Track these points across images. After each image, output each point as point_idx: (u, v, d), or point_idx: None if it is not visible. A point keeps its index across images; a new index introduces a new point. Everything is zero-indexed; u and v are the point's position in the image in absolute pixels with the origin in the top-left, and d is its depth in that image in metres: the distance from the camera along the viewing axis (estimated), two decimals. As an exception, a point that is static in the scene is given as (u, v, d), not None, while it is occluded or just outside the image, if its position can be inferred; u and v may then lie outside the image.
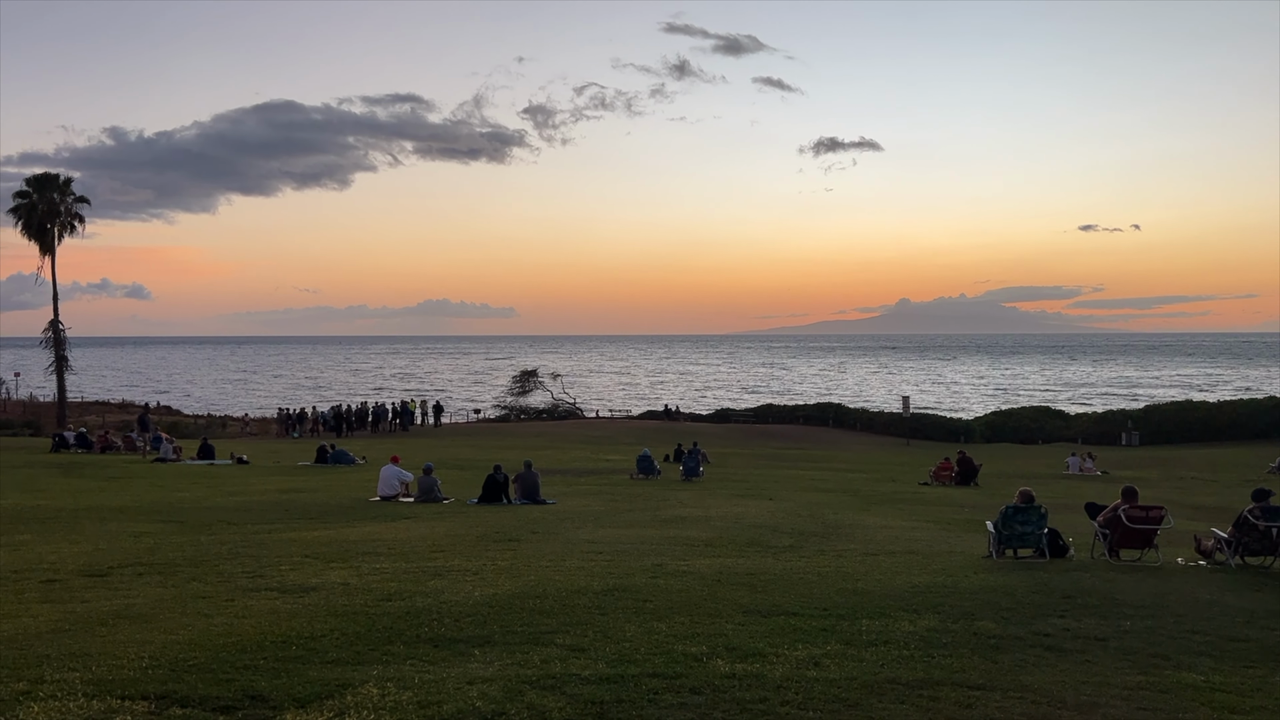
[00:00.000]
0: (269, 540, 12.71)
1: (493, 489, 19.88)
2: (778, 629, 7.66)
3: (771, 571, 10.70)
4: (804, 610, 8.43)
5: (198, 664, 6.15)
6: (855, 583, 10.00)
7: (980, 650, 7.13)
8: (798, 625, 7.83)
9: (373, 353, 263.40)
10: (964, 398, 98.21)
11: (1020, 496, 12.34)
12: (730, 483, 25.82)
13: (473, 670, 6.17)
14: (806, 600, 8.94)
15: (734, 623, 7.84)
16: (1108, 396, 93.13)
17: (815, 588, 9.68)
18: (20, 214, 51.33)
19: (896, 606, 8.66)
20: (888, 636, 7.46)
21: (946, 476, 27.53)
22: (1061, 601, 9.10)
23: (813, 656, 6.77)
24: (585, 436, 49.35)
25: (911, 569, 11.05)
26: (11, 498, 17.62)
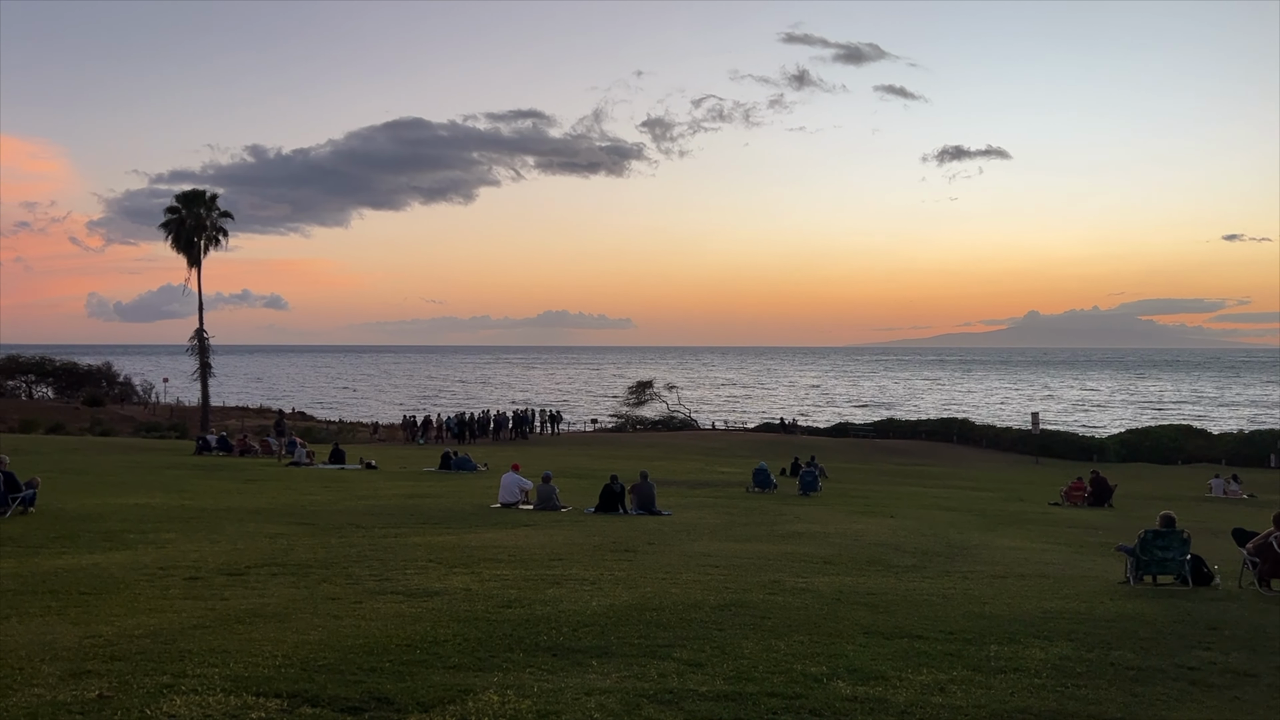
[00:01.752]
0: (395, 544, 13.07)
1: (609, 499, 20.01)
2: (901, 652, 7.45)
3: (894, 592, 10.43)
4: (928, 633, 8.18)
5: (327, 664, 6.35)
6: (982, 606, 9.65)
7: (1118, 682, 6.78)
8: (922, 649, 7.60)
9: (494, 362, 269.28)
10: (1097, 414, 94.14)
11: (1161, 520, 11.73)
12: (849, 499, 25.34)
13: (591, 681, 6.20)
14: (931, 623, 8.67)
15: (855, 644, 7.66)
16: (1255, 415, 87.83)
17: (940, 610, 9.39)
18: (171, 229, 54.49)
19: (1027, 632, 8.32)
20: (1018, 664, 7.17)
21: (1079, 497, 26.40)
22: (1206, 633, 8.59)
23: (938, 682, 6.56)
24: (700, 448, 49.26)
25: (1042, 593, 10.61)
26: (159, 497, 18.63)
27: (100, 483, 21.25)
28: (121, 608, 8.19)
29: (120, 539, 12.80)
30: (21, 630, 7.20)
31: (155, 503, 17.49)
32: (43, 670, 5.96)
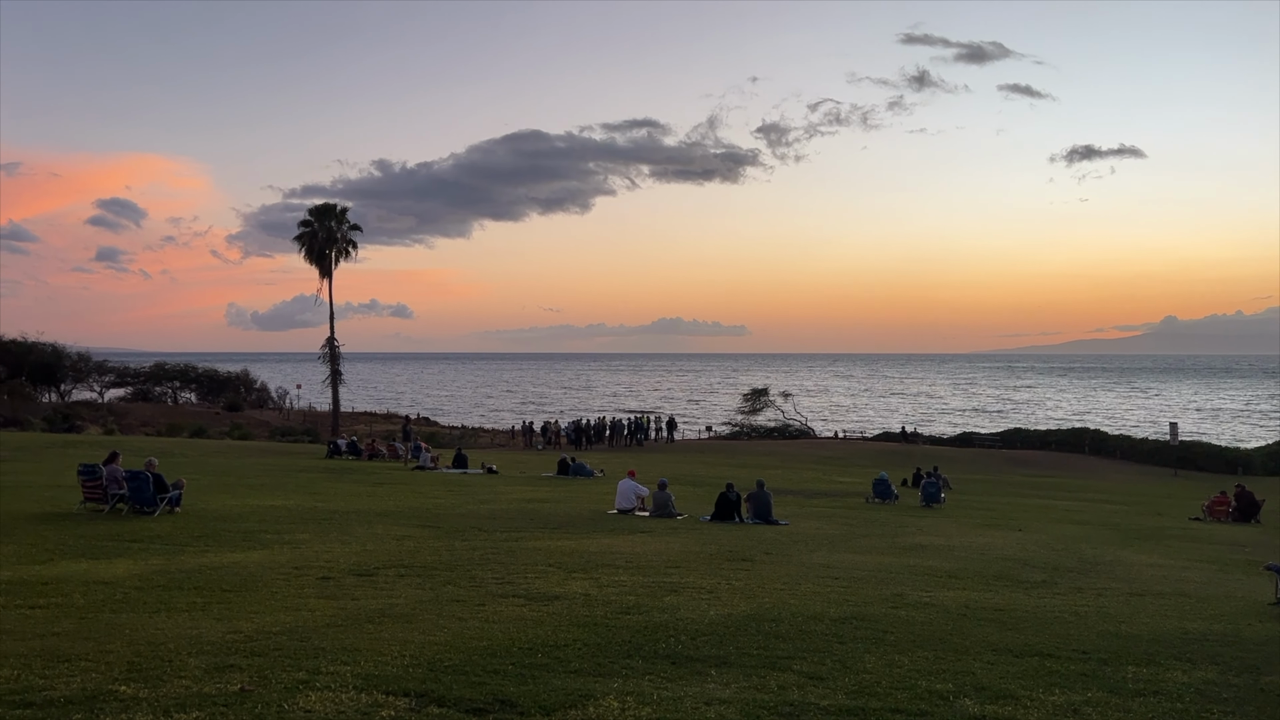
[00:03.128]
0: (516, 548, 13.32)
1: (725, 507, 19.93)
2: (1031, 670, 7.19)
3: (1023, 608, 10.08)
4: (1060, 652, 7.87)
5: (453, 665, 6.51)
6: (1118, 625, 9.24)
7: (1269, 709, 6.38)
8: (1053, 668, 7.31)
9: (609, 369, 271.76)
10: (1241, 425, 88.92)
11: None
12: (974, 511, 24.60)
13: (710, 691, 6.18)
14: (1063, 641, 8.34)
15: (982, 661, 7.43)
16: None
17: (1072, 628, 9.02)
18: (304, 241, 56.92)
19: (1167, 654, 7.91)
20: (1158, 686, 6.83)
21: (1222, 512, 25.00)
22: (1370, 662, 8.00)
23: (1071, 703, 6.30)
24: (817, 457, 48.61)
25: (1183, 613, 10.08)
26: (293, 499, 19.44)
27: (239, 484, 22.30)
28: (260, 605, 8.58)
29: (258, 539, 13.41)
30: (170, 624, 7.61)
31: (290, 504, 18.26)
32: (189, 663, 6.29)
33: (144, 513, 15.56)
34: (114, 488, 16.04)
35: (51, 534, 13.11)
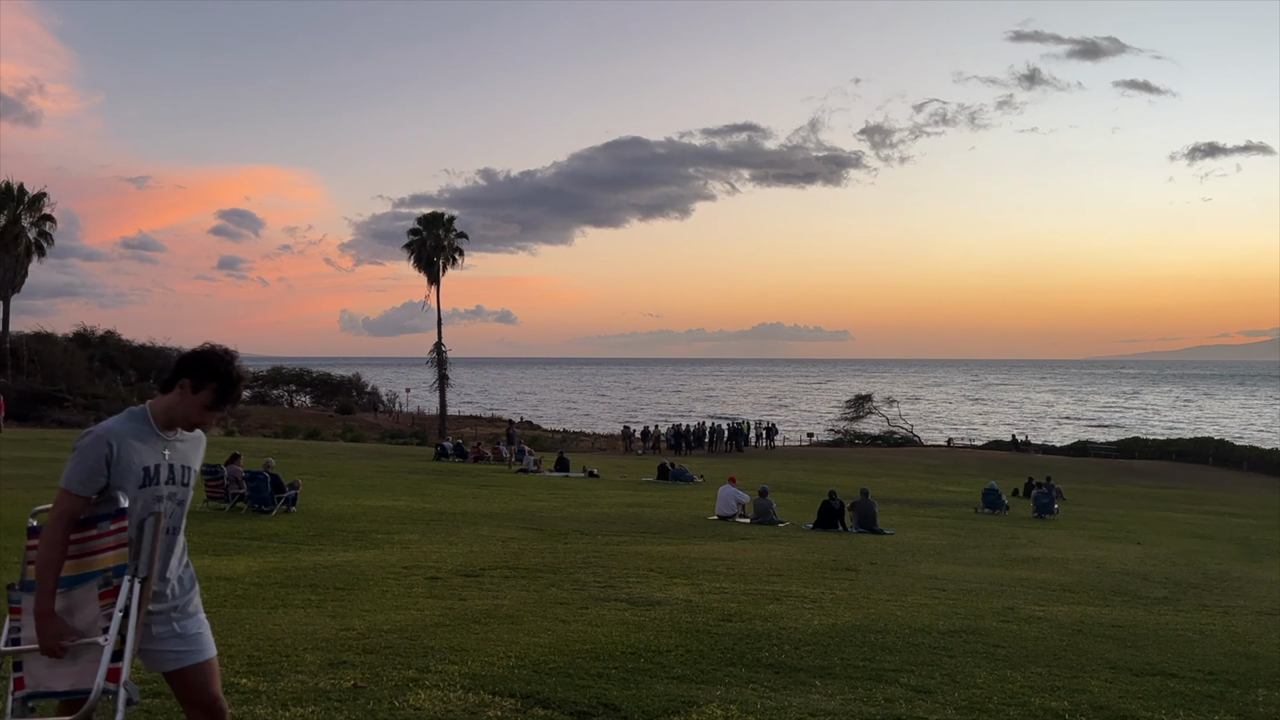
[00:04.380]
0: (617, 552, 13.40)
1: (828, 515, 19.68)
2: (1152, 690, 6.88)
3: (1142, 625, 9.66)
4: (1184, 672, 7.52)
5: (557, 667, 6.58)
6: (1248, 645, 8.77)
7: None
8: (1177, 688, 6.98)
9: (709, 374, 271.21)
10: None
11: None
12: (1089, 523, 23.72)
13: (814, 702, 6.10)
14: (1187, 660, 7.96)
15: (1100, 679, 7.15)
16: None
17: (1197, 647, 8.61)
18: (413, 249, 58.49)
19: (1303, 679, 7.47)
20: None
21: (1363, 529, 23.52)
22: None
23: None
24: (923, 465, 47.57)
25: (1321, 636, 9.51)
26: (402, 500, 19.97)
27: (351, 485, 23.01)
28: (371, 603, 8.83)
29: (369, 538, 13.81)
30: (287, 620, 7.89)
31: (399, 505, 18.75)
32: (305, 659, 6.50)
33: (262, 512, 16.20)
34: (234, 487, 16.76)
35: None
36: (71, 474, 3.19)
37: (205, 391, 3.28)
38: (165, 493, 3.31)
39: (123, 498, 3.19)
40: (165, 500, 3.31)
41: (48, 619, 3.12)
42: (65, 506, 3.18)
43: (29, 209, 52.45)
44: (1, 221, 51.27)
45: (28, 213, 52.40)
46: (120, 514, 3.20)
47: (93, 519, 3.21)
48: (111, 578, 3.16)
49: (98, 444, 3.19)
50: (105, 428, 3.25)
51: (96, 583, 3.17)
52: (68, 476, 3.20)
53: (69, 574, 3.17)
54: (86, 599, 3.17)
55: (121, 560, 3.18)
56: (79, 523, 3.20)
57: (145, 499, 3.25)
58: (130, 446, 3.22)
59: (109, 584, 3.16)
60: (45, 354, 53.84)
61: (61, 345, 57.07)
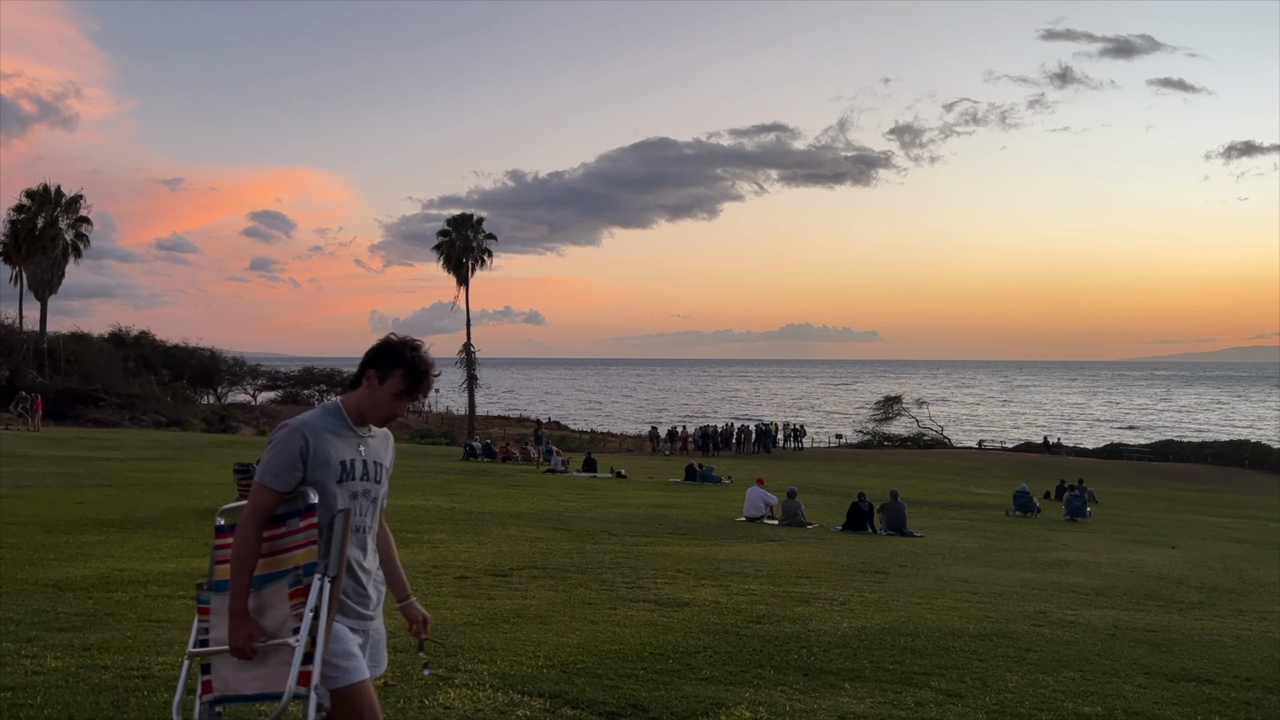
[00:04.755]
0: (645, 552, 13.40)
1: (857, 517, 19.59)
2: (1187, 696, 6.80)
3: (1177, 630, 9.54)
4: (1220, 678, 7.41)
5: (585, 668, 6.59)
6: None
7: None
8: (1213, 694, 6.89)
9: (736, 375, 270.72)
10: None
11: None
12: (1122, 526, 23.45)
13: (844, 705, 6.07)
14: (1223, 666, 7.86)
15: (1134, 684, 7.07)
16: None
17: (1233, 653, 8.49)
18: (442, 250, 58.85)
19: (1343, 687, 7.35)
20: (1333, 722, 6.35)
21: (1405, 534, 23.09)
22: None
23: (1234, 735, 5.92)
24: (953, 467, 47.22)
25: (1361, 643, 9.34)
26: (432, 499, 20.09)
27: (381, 485, 23.14)
28: (401, 602, 8.88)
29: (398, 537, 13.80)
30: (319, 617, 7.96)
31: (429, 504, 18.86)
32: (337, 655, 6.55)
33: (294, 510, 16.34)
34: (267, 486, 16.91)
35: (211, 529, 13.88)
36: (267, 467, 3.11)
37: (393, 379, 3.21)
38: (360, 489, 3.23)
39: (311, 493, 3.11)
40: (360, 496, 3.23)
41: (240, 619, 3.03)
42: (261, 501, 3.10)
43: (66, 211, 53.30)
44: (39, 223, 52.13)
45: (65, 215, 53.25)
46: (310, 510, 3.11)
47: (283, 515, 3.13)
48: (302, 576, 3.07)
49: (293, 436, 3.11)
50: (301, 420, 3.18)
51: (287, 581, 3.07)
52: (263, 470, 3.11)
53: (260, 572, 3.09)
54: (277, 598, 3.08)
55: (312, 558, 3.09)
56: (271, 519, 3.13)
57: (342, 494, 3.17)
58: (326, 440, 3.14)
59: (299, 582, 3.07)
60: (81, 354, 54.67)
61: (97, 345, 57.95)
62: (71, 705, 5.17)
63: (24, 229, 51.86)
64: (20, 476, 20.00)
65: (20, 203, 52.33)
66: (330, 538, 3.12)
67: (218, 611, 3.15)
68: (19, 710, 5.05)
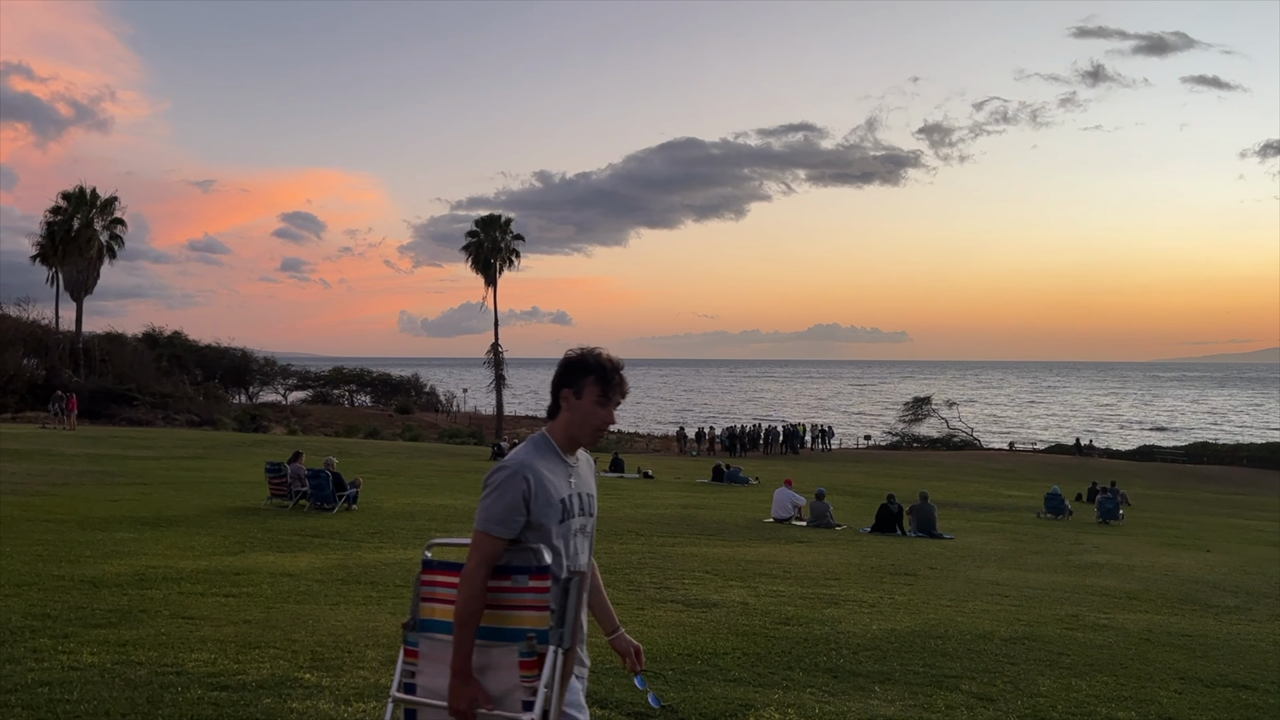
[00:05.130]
0: (673, 553, 13.39)
1: (886, 519, 19.47)
2: (1224, 702, 6.70)
3: (1213, 635, 9.40)
4: (1257, 684, 7.30)
5: (614, 668, 6.56)
6: (1325, 659, 8.48)
7: None
8: (1250, 700, 6.79)
9: (764, 376, 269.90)
10: None
11: None
12: (1156, 529, 23.16)
13: (874, 708, 6.03)
14: (1260, 672, 7.73)
15: (1169, 689, 6.97)
16: None
17: (1270, 658, 8.35)
18: (471, 251, 59.11)
19: (1385, 694, 7.21)
20: (1374, 730, 6.23)
21: None
22: None
23: (1273, 742, 5.82)
24: (984, 469, 46.83)
25: (1403, 649, 9.16)
26: (461, 498, 20.17)
27: (411, 484, 23.31)
28: (431, 601, 8.92)
29: (429, 536, 13.96)
30: (349, 617, 8.02)
31: (458, 504, 18.95)
32: (367, 655, 6.60)
33: (324, 509, 16.48)
34: (297, 485, 17.08)
35: (242, 527, 14.05)
36: (490, 514, 2.89)
37: (588, 389, 3.08)
38: (577, 525, 3.07)
39: (546, 553, 2.90)
40: (577, 534, 3.06)
41: (464, 680, 2.81)
42: (486, 551, 2.87)
43: (101, 213, 54.07)
44: (75, 225, 52.92)
45: (99, 216, 54.02)
46: (543, 572, 2.88)
47: (510, 569, 2.90)
48: (536, 645, 2.83)
49: (515, 480, 2.91)
50: (519, 461, 2.98)
51: (519, 648, 2.83)
52: (486, 518, 2.90)
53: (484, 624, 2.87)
54: (504, 661, 2.85)
55: (542, 623, 2.85)
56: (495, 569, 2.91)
57: (563, 533, 2.99)
58: (545, 479, 2.97)
59: (532, 653, 2.82)
60: (116, 354, 55.45)
61: (131, 345, 58.76)
62: (107, 701, 5.25)
63: (60, 230, 52.67)
64: (56, 475, 20.30)
65: (56, 205, 53.19)
66: (566, 604, 2.91)
67: (429, 657, 2.96)
68: (56, 705, 5.13)
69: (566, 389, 3.11)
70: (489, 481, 2.96)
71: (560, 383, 3.13)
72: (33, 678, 5.63)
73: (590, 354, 3.14)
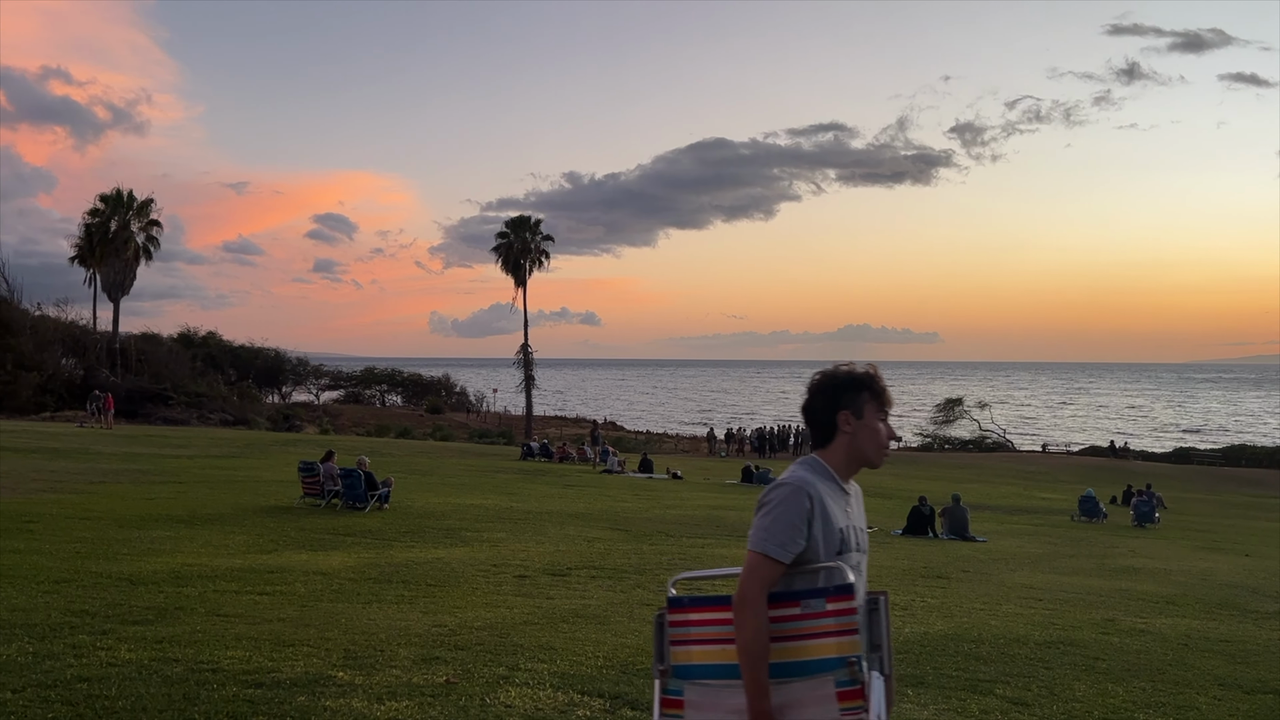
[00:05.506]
0: (703, 554, 13.37)
1: (918, 521, 19.34)
2: (1265, 710, 6.58)
3: (1253, 640, 9.25)
4: (1299, 692, 7.16)
5: (644, 669, 6.58)
6: (1369, 666, 8.31)
7: None
8: (1292, 709, 6.66)
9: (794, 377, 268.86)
10: None
11: None
12: (1192, 532, 22.83)
13: (907, 712, 5.98)
14: (1302, 680, 7.59)
15: (1207, 696, 6.86)
16: None
17: (1313, 666, 8.19)
18: (501, 252, 59.36)
19: None
20: None
21: None
22: None
23: (1316, 751, 5.71)
24: (1017, 471, 46.38)
25: None
26: (491, 498, 20.25)
27: (441, 484, 23.44)
28: (462, 600, 8.97)
29: (459, 536, 14.04)
30: (380, 615, 8.07)
31: (488, 504, 19.03)
32: (399, 654, 6.64)
33: (356, 508, 16.59)
34: (330, 484, 17.22)
35: (275, 525, 14.18)
36: (768, 534, 2.63)
37: (867, 407, 2.86)
38: (853, 560, 2.76)
39: (848, 570, 2.66)
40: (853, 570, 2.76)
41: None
42: (764, 576, 2.61)
43: (137, 214, 54.83)
44: (112, 227, 53.70)
45: (136, 218, 54.78)
46: (844, 591, 2.61)
47: (792, 594, 2.64)
48: (857, 673, 2.55)
49: (798, 497, 2.67)
50: (801, 478, 2.73)
51: (835, 677, 2.55)
52: (763, 538, 2.64)
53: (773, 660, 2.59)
54: (812, 696, 2.57)
55: (851, 649, 2.58)
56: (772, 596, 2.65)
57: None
58: (826, 503, 2.71)
59: (855, 681, 2.54)
60: (151, 353, 56.21)
61: (166, 345, 59.56)
62: (144, 697, 5.31)
63: (98, 232, 53.47)
64: (94, 473, 20.60)
65: (94, 207, 54.02)
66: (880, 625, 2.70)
67: (699, 706, 2.71)
68: (95, 701, 5.20)
69: (844, 411, 2.85)
70: (767, 499, 2.71)
71: (832, 405, 2.87)
72: (72, 673, 5.71)
73: (855, 370, 2.91)
